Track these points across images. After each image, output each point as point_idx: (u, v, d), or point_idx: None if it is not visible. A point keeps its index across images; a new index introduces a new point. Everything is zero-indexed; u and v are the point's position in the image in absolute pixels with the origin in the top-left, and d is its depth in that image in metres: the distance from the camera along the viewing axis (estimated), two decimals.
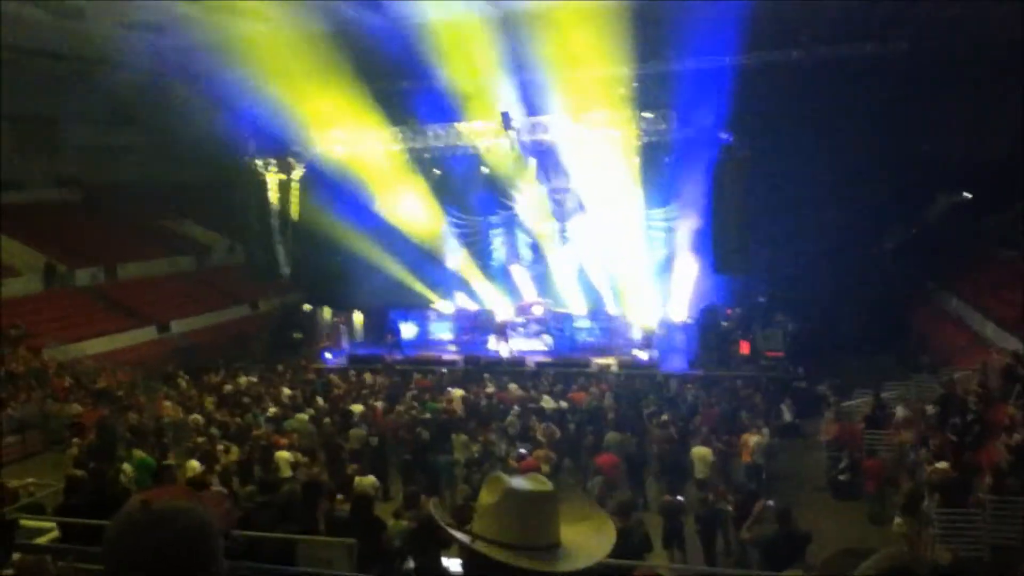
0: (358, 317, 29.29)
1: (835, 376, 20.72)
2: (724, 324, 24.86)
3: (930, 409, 15.82)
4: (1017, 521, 10.97)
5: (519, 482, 2.10)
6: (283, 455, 14.96)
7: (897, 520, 11.46)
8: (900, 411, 16.34)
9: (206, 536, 1.70)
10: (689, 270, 27.14)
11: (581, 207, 29.23)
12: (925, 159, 25.11)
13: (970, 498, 11.62)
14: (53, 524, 8.82)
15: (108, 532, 1.67)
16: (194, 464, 14.58)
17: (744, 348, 24.13)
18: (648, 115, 26.46)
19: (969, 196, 27.98)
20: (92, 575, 5.84)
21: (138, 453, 15.13)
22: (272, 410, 18.48)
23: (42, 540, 7.66)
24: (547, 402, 18.61)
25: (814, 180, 24.59)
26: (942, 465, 12.21)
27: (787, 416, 18.72)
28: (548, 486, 2.07)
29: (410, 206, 29.54)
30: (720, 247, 26.28)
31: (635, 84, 26.18)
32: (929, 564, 1.67)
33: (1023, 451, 12.03)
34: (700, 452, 15.03)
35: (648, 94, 26.22)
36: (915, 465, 13.58)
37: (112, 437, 17.35)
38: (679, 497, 12.96)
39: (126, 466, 14.19)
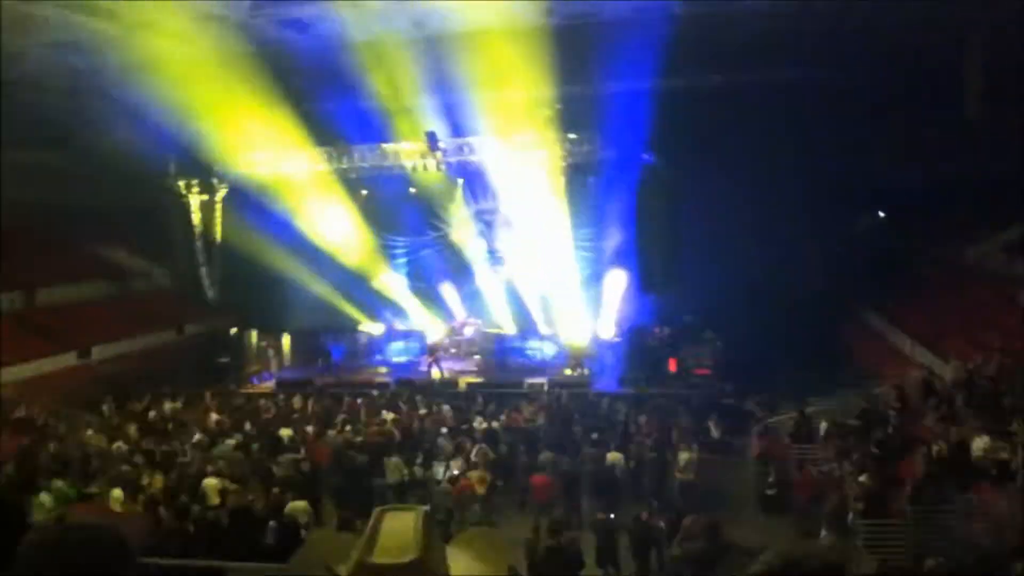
0: (287, 340, 28.87)
1: (762, 392, 21.14)
2: (652, 342, 25.17)
3: (853, 423, 16.26)
4: (936, 529, 11.34)
5: (385, 541, 2.01)
6: (211, 482, 14.68)
7: (823, 533, 11.73)
8: (824, 426, 16.76)
9: (119, 554, 1.70)
10: (617, 289, 27.43)
11: (509, 227, 29.38)
12: (848, 179, 25.82)
13: (892, 508, 11.97)
14: None
15: (21, 549, 1.66)
16: (117, 493, 14.22)
17: (672, 366, 24.46)
18: (572, 136, 26.79)
19: (883, 215, 28.95)
20: None
21: (58, 483, 14.69)
22: (198, 436, 18.11)
23: None
24: (480, 423, 18.61)
25: (739, 200, 25.13)
26: (864, 478, 12.56)
27: (715, 432, 19.01)
28: (407, 555, 1.98)
29: (338, 227, 29.30)
30: (646, 266, 26.69)
31: (559, 106, 26.46)
32: (818, 556, 1.71)
33: (941, 462, 12.44)
34: (614, 457, 15.76)
35: (572, 115, 26.53)
36: (840, 478, 13.93)
37: (32, 467, 16.81)
38: (611, 515, 13.08)
39: (45, 496, 13.78)
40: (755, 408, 19.71)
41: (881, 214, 29.17)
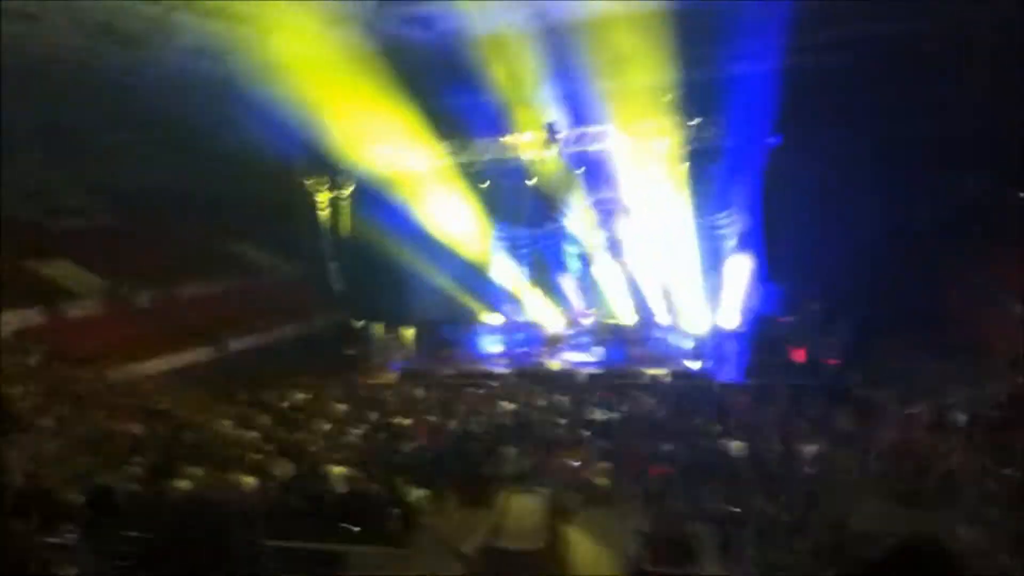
0: (410, 332, 29.49)
1: (895, 382, 20.26)
2: (778, 331, 24.52)
3: (994, 414, 15.42)
4: None
5: (512, 525, 1.96)
6: (337, 470, 15.13)
7: (962, 528, 11.15)
8: (963, 417, 15.94)
9: (245, 525, 1.76)
10: (741, 277, 26.84)
11: (629, 216, 29.10)
12: (990, 155, 24.34)
13: None
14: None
15: (156, 520, 1.74)
16: (249, 480, 14.82)
17: (799, 356, 23.76)
18: (695, 121, 26.23)
19: None
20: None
21: (195, 470, 15.39)
22: (326, 426, 18.68)
23: None
24: (599, 414, 18.54)
25: (869, 183, 24.10)
26: (1008, 471, 11.89)
27: (845, 424, 18.34)
28: (534, 541, 1.92)
29: (458, 220, 29.72)
30: (772, 253, 25.94)
31: (680, 90, 25.96)
32: (943, 545, 1.57)
33: None
34: (737, 448, 15.67)
35: (694, 100, 25.95)
36: (980, 472, 13.22)
37: (170, 455, 17.70)
38: (734, 508, 12.78)
39: (182, 483, 14.45)
40: (888, 399, 18.88)
41: None
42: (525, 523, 2.12)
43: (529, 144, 27.99)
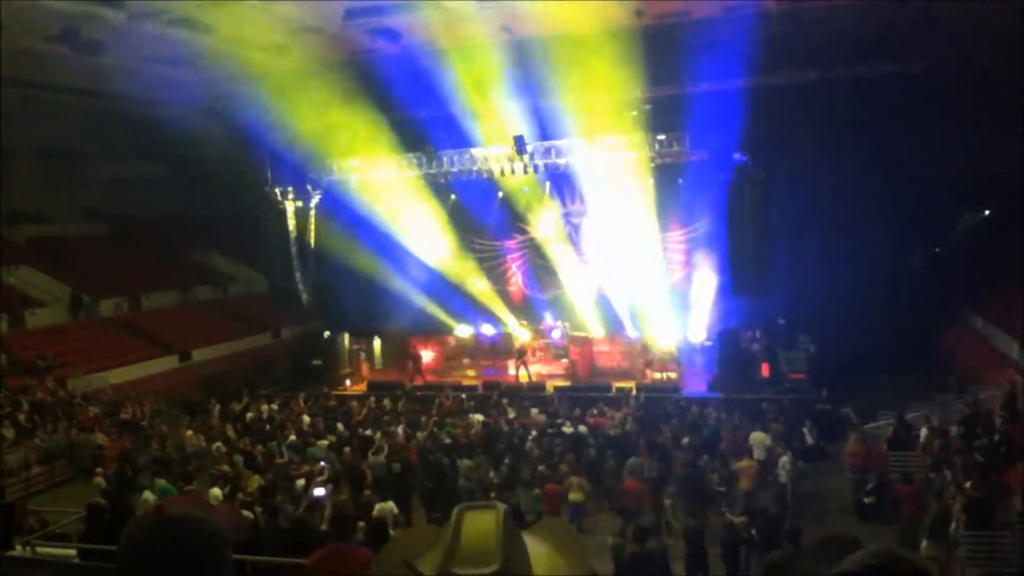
0: (377, 343, 29.36)
1: (859, 398, 20.52)
2: (745, 346, 24.73)
3: (955, 430, 15.66)
4: None
5: (465, 547, 1.94)
6: (304, 483, 15.02)
7: (925, 543, 11.31)
8: (925, 432, 16.17)
9: (215, 541, 1.74)
10: (707, 292, 27.02)
11: (597, 230, 29.21)
12: (948, 177, 24.85)
13: (998, 520, 11.45)
14: (73, 551, 8.94)
15: (123, 536, 1.71)
16: (216, 492, 14.68)
17: (765, 370, 23.98)
18: (661, 137, 26.33)
19: (988, 214, 27.77)
20: None
21: (161, 482, 15.25)
22: (293, 437, 18.53)
23: None
24: (568, 427, 18.55)
25: (833, 200, 24.44)
26: (969, 486, 12.05)
27: (810, 439, 18.55)
28: (489, 564, 1.91)
29: (427, 231, 29.63)
30: (737, 269, 26.08)
31: (648, 107, 26.15)
32: (913, 561, 1.58)
33: None
34: (704, 463, 15.60)
35: (661, 116, 26.12)
36: (941, 487, 13.42)
37: (136, 466, 17.53)
38: (701, 521, 12.86)
39: (148, 495, 14.29)
40: (851, 414, 19.11)
41: (986, 212, 27.99)
42: (479, 543, 2.07)
43: (497, 157, 27.93)
